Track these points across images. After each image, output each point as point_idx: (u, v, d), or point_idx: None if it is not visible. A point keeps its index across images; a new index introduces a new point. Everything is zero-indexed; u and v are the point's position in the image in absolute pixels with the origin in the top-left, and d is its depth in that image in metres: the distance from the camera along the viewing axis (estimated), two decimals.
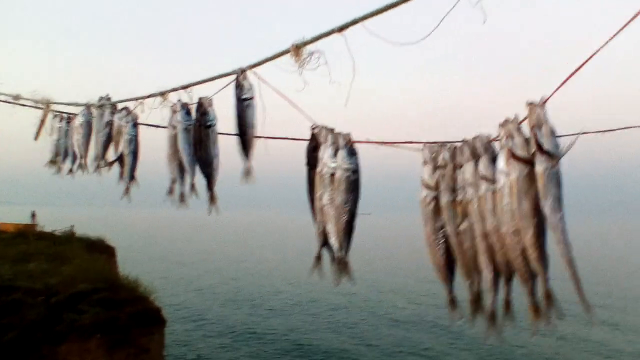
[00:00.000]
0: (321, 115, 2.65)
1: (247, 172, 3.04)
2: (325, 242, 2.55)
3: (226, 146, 3.08)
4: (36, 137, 4.47)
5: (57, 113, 4.32)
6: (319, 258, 2.56)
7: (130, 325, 13.28)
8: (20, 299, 13.12)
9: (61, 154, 4.33)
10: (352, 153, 2.47)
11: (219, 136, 3.12)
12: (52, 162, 4.42)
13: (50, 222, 34.47)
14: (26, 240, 26.39)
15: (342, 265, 2.52)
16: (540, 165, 1.93)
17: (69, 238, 29.62)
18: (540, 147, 1.92)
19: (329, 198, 2.48)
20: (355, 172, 2.46)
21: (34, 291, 13.91)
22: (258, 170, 2.95)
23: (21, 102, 4.44)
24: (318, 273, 2.54)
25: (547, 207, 1.92)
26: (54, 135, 4.35)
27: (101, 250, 27.09)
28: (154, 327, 14.12)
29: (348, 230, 2.49)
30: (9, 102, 4.57)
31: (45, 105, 4.36)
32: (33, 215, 32.96)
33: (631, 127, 2.75)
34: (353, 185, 2.46)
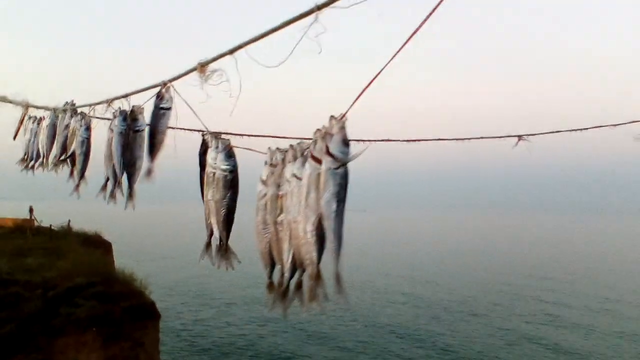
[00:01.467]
0: (222, 125, 3.01)
1: (149, 172, 3.40)
2: (212, 232, 2.90)
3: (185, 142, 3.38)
4: (14, 137, 4.71)
5: (32, 115, 4.58)
6: (208, 245, 2.91)
7: (125, 319, 13.52)
8: (18, 292, 13.36)
9: (29, 153, 4.58)
10: (229, 155, 2.81)
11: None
12: (23, 160, 4.67)
13: (48, 216, 34.59)
14: (24, 235, 26.58)
15: (224, 251, 2.86)
16: (325, 165, 2.24)
17: (66, 233, 29.75)
18: (327, 150, 2.24)
19: (212, 194, 2.83)
20: (231, 172, 2.80)
21: (32, 285, 14.15)
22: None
23: (5, 101, 4.67)
24: (208, 258, 2.90)
25: (323, 200, 2.22)
26: (26, 135, 4.62)
27: (97, 245, 27.24)
28: (149, 320, 14.36)
29: (227, 222, 2.82)
30: None
31: (24, 106, 4.62)
32: (31, 210, 33.03)
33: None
34: (230, 184, 2.79)
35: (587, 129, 4.07)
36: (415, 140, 3.95)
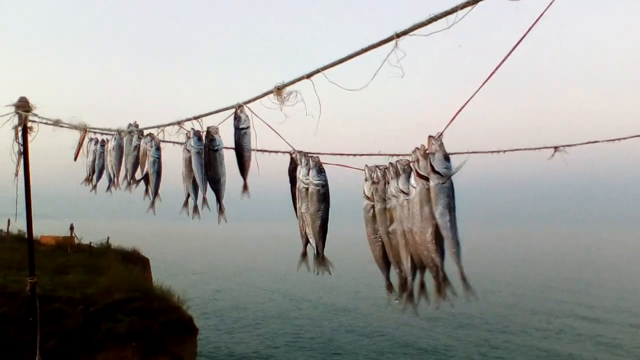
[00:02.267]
0: (301, 142, 3.28)
1: (245, 188, 3.62)
2: (307, 242, 3.15)
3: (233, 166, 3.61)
4: (75, 158, 4.90)
5: (93, 137, 4.76)
6: (304, 255, 3.18)
7: (164, 334, 13.68)
8: (60, 308, 13.66)
9: (95, 173, 4.80)
10: (320, 171, 3.07)
11: (226, 158, 3.69)
12: (88, 180, 4.85)
13: (88, 234, 35.38)
14: (65, 252, 27.24)
15: (320, 259, 3.12)
16: (433, 182, 2.50)
17: (105, 250, 30.40)
18: (432, 168, 2.49)
19: (306, 207, 3.07)
20: (323, 186, 3.04)
21: (73, 301, 14.47)
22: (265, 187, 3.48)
23: (61, 125, 4.86)
24: (305, 266, 3.17)
25: (437, 213, 2.49)
26: (89, 157, 4.80)
27: (135, 261, 27.76)
28: (187, 335, 14.49)
29: (322, 232, 3.07)
30: (50, 125, 4.99)
31: (83, 129, 4.79)
32: (71, 228, 33.83)
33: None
34: (323, 197, 3.04)
35: (624, 138, 4.02)
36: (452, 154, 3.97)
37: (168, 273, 42.48)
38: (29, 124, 5.11)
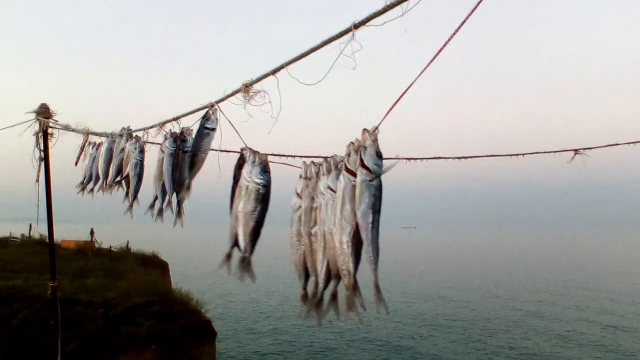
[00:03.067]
0: (264, 143, 3.08)
1: (187, 188, 3.51)
2: (235, 243, 2.90)
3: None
4: (76, 163, 4.90)
5: (92, 141, 4.76)
6: (229, 256, 2.90)
7: (183, 337, 13.76)
8: (81, 311, 13.82)
9: (88, 177, 4.73)
10: (264, 170, 2.86)
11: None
12: (82, 183, 4.82)
13: (108, 238, 35.81)
14: (85, 256, 27.59)
15: (245, 264, 2.85)
16: (360, 177, 2.28)
17: (125, 254, 30.74)
18: (362, 163, 2.28)
19: (242, 206, 2.85)
20: (265, 186, 2.84)
21: (94, 304, 14.64)
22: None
23: (69, 130, 4.90)
24: (227, 269, 2.87)
25: (359, 211, 2.26)
26: (85, 161, 4.79)
27: (155, 265, 28.01)
28: (205, 339, 14.56)
29: (254, 235, 2.85)
30: (62, 129, 5.05)
31: (85, 134, 4.81)
32: (92, 233, 34.31)
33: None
34: (262, 197, 2.83)
35: None
36: (467, 157, 3.99)
37: (186, 276, 42.77)
38: (50, 130, 5.18)
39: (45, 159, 5.26)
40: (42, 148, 5.20)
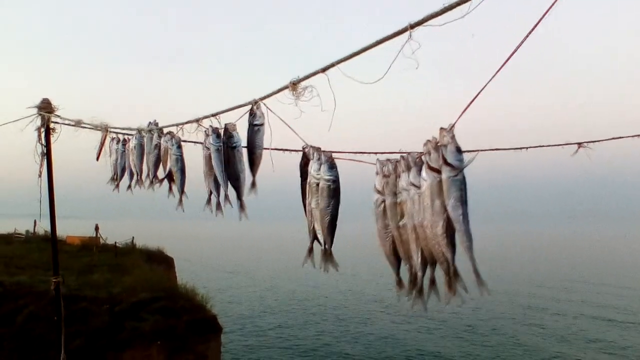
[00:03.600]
0: (314, 138, 3.23)
1: (253, 185, 3.62)
2: (315, 238, 3.12)
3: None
4: (97, 158, 4.91)
5: (114, 136, 4.77)
6: (310, 250, 3.11)
7: (189, 333, 13.74)
8: (86, 307, 13.81)
9: (119, 173, 4.78)
10: (331, 167, 3.02)
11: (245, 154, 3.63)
12: (113, 179, 4.87)
13: (113, 234, 35.89)
14: (90, 252, 27.65)
15: (327, 256, 3.08)
16: (445, 174, 2.44)
17: (130, 249, 30.79)
18: (445, 161, 2.43)
19: (316, 203, 3.03)
20: (334, 182, 3.00)
21: (99, 300, 14.63)
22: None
23: (82, 126, 4.89)
24: (310, 262, 3.10)
25: (449, 206, 2.43)
26: (112, 157, 4.83)
27: (160, 261, 28.04)
28: (211, 334, 14.54)
29: (331, 229, 3.04)
30: (72, 126, 5.02)
31: (104, 129, 4.80)
32: (96, 228, 34.39)
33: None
34: (333, 193, 3.00)
35: None
36: (472, 151, 3.95)
37: (192, 272, 42.85)
38: (52, 125, 5.14)
39: (48, 154, 5.22)
40: (44, 143, 5.17)
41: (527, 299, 40.17)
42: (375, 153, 3.16)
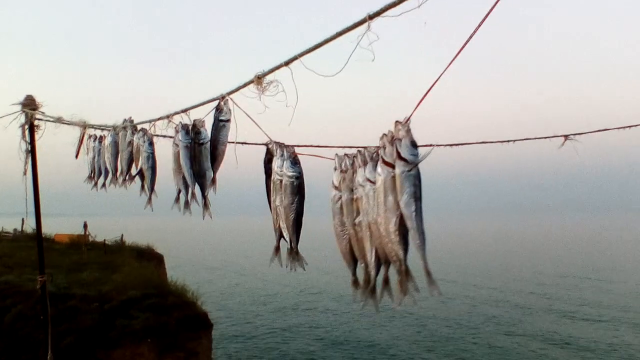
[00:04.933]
0: (280, 133, 3.17)
1: (213, 182, 3.57)
2: (281, 236, 3.05)
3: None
4: (76, 156, 4.85)
5: (92, 134, 4.72)
6: (277, 249, 3.04)
7: (179, 330, 13.69)
8: (75, 306, 13.73)
9: (96, 171, 4.72)
10: (294, 163, 2.97)
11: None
12: (90, 177, 4.81)
13: (101, 231, 35.70)
14: (79, 250, 27.46)
15: (294, 254, 3.01)
16: (399, 169, 2.37)
17: (120, 247, 30.66)
18: (399, 155, 2.37)
19: (280, 200, 2.97)
20: (297, 178, 2.95)
21: (88, 298, 14.53)
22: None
23: (62, 122, 4.83)
24: (277, 261, 3.03)
25: (402, 202, 2.36)
26: (89, 154, 4.77)
27: (150, 258, 27.90)
28: (202, 331, 14.50)
29: (296, 226, 2.98)
30: (52, 122, 4.96)
31: (82, 126, 4.74)
32: (85, 226, 34.15)
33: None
34: (297, 189, 2.94)
35: (636, 125, 3.96)
36: (461, 144, 4.03)
37: (182, 269, 42.68)
38: (36, 122, 5.08)
39: (32, 151, 5.16)
40: (28, 140, 5.11)
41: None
42: (335, 147, 3.13)
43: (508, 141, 3.93)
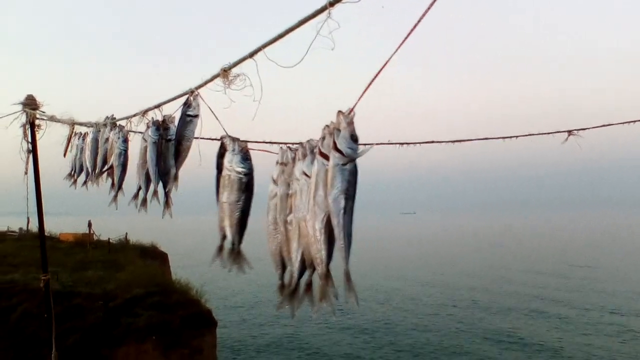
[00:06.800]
0: (247, 129, 3.03)
1: (175, 178, 3.43)
2: (225, 235, 2.80)
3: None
4: (64, 154, 4.80)
5: (77, 131, 4.68)
6: (220, 249, 2.79)
7: (184, 327, 13.76)
8: (80, 304, 13.82)
9: (77, 168, 4.65)
10: (245, 158, 2.77)
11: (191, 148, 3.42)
12: (70, 175, 4.73)
13: (106, 230, 35.76)
14: (84, 249, 27.55)
15: (235, 255, 2.77)
16: (333, 161, 2.17)
17: (124, 245, 30.71)
18: (335, 146, 2.16)
19: (226, 197, 2.75)
20: (246, 175, 2.74)
21: (93, 297, 14.62)
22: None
23: (54, 120, 4.83)
24: (220, 261, 2.78)
25: (331, 196, 2.15)
26: (72, 152, 4.70)
27: (154, 256, 27.97)
28: (206, 328, 14.56)
29: (240, 225, 2.76)
30: (45, 121, 4.97)
31: (70, 124, 4.72)
32: (89, 225, 34.23)
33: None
34: (245, 186, 2.73)
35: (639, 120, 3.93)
36: (461, 141, 3.98)
37: (186, 267, 42.74)
38: (37, 122, 5.09)
39: (34, 150, 5.18)
40: (29, 140, 5.13)
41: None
42: (283, 143, 2.94)
43: (511, 137, 3.91)
